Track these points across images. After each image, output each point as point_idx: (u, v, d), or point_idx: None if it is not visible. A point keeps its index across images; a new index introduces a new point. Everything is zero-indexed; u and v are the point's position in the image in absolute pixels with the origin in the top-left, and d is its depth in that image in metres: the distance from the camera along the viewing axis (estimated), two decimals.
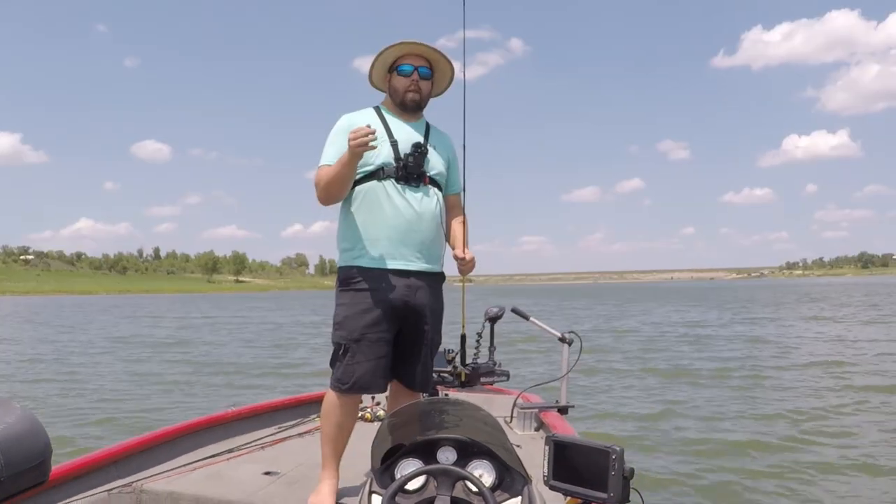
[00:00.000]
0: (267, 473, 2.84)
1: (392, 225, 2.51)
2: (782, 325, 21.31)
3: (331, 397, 2.57)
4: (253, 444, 3.29)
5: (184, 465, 2.89)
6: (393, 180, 2.52)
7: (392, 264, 2.51)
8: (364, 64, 2.67)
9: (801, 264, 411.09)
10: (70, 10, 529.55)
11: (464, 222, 2.73)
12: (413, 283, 2.54)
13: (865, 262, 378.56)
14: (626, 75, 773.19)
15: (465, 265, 2.60)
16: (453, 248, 2.69)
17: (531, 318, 3.90)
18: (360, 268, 2.53)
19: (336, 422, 2.56)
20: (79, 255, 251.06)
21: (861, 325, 20.31)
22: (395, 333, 2.56)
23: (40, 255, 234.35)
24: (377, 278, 2.51)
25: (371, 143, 2.33)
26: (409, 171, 2.52)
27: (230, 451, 3.15)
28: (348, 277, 2.55)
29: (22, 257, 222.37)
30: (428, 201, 2.56)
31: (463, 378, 3.90)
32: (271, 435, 3.47)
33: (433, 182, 2.60)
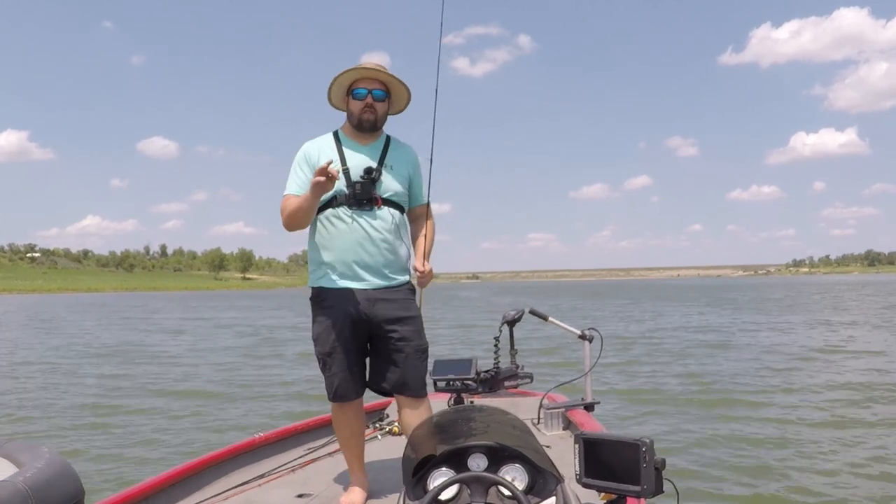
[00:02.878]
0: (300, 496, 2.85)
1: (345, 248, 2.68)
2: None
3: (333, 407, 2.80)
4: (283, 467, 3.27)
5: (216, 495, 2.88)
6: (345, 206, 2.68)
7: (349, 284, 2.70)
8: (372, 60, 2.79)
9: (807, 262, 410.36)
10: (77, 6, 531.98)
11: (429, 232, 2.86)
12: (371, 295, 2.70)
13: (872, 259, 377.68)
14: (634, 72, 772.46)
15: (423, 278, 2.75)
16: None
17: (550, 318, 3.88)
18: (323, 288, 2.74)
19: (344, 428, 2.79)
20: (85, 253, 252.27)
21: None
22: (364, 343, 2.75)
23: (47, 252, 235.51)
24: (338, 296, 2.70)
25: (330, 182, 2.48)
26: (359, 197, 2.67)
27: (261, 476, 3.13)
28: (316, 297, 2.78)
29: (28, 255, 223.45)
30: (380, 223, 2.70)
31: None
32: (301, 457, 3.44)
33: (389, 202, 2.73)
